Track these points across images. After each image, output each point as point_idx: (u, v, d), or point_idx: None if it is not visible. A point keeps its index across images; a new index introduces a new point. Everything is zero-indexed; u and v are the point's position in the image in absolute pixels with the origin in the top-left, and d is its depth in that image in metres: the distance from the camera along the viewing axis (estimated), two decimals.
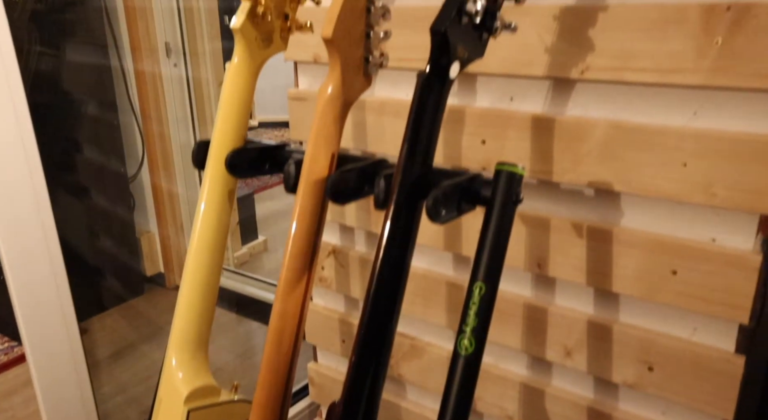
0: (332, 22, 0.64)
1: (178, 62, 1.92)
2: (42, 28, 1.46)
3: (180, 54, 1.91)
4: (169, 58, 1.93)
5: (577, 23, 0.74)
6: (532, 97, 0.82)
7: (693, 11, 0.67)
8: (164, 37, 1.89)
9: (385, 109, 0.93)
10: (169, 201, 2.06)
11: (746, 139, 0.67)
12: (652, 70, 0.71)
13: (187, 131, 1.93)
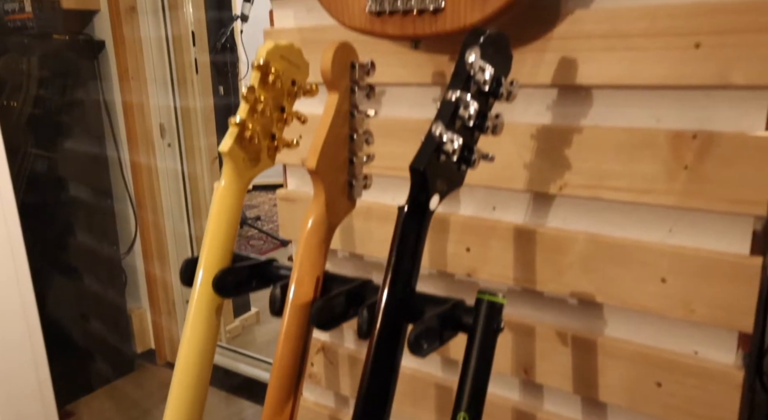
0: (316, 153, 0.67)
1: (174, 156, 1.96)
2: (39, 130, 1.50)
3: (176, 148, 1.96)
4: (164, 141, 1.97)
5: (554, 143, 0.77)
6: (514, 207, 0.84)
7: (661, 137, 0.70)
8: (161, 138, 1.94)
9: (372, 213, 0.95)
10: (163, 286, 2.06)
11: (720, 258, 0.69)
12: (626, 190, 0.73)
13: (182, 222, 1.95)
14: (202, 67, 1.94)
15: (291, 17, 0.98)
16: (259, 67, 0.74)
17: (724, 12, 0.63)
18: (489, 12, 0.66)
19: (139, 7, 1.92)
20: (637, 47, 0.69)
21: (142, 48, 1.93)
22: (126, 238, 2.05)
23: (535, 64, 0.76)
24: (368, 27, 0.76)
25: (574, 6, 0.72)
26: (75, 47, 1.95)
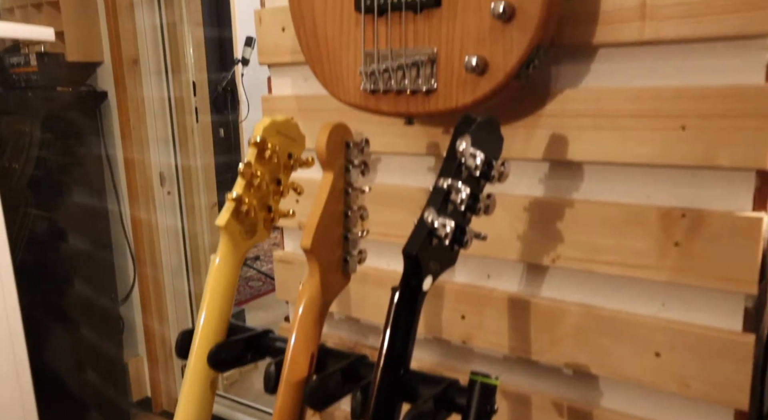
0: (311, 233, 0.68)
1: (174, 205, 1.98)
2: (40, 191, 1.52)
3: (176, 196, 1.97)
4: (163, 189, 1.99)
5: (546, 215, 0.78)
6: (508, 276, 0.85)
7: (651, 214, 0.71)
8: (161, 186, 1.96)
9: (368, 278, 0.96)
10: (161, 339, 2.06)
11: (713, 334, 0.69)
12: (618, 264, 0.74)
13: (181, 278, 1.95)
14: (203, 127, 1.97)
15: (288, 85, 1.00)
16: (255, 144, 0.75)
17: (708, 97, 0.65)
18: (479, 95, 0.68)
19: (141, 60, 1.95)
20: (625, 127, 0.70)
21: (143, 100, 1.96)
22: (124, 287, 2.05)
23: (526, 139, 0.77)
24: (363, 103, 0.77)
25: (563, 86, 0.74)
26: (78, 99, 1.98)
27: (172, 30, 1.89)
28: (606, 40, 0.70)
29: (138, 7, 1.89)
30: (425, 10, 0.70)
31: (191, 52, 1.91)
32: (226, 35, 3.83)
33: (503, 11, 0.64)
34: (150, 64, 1.95)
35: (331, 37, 0.78)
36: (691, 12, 0.64)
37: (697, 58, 0.66)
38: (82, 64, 1.99)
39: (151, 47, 1.94)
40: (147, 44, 1.92)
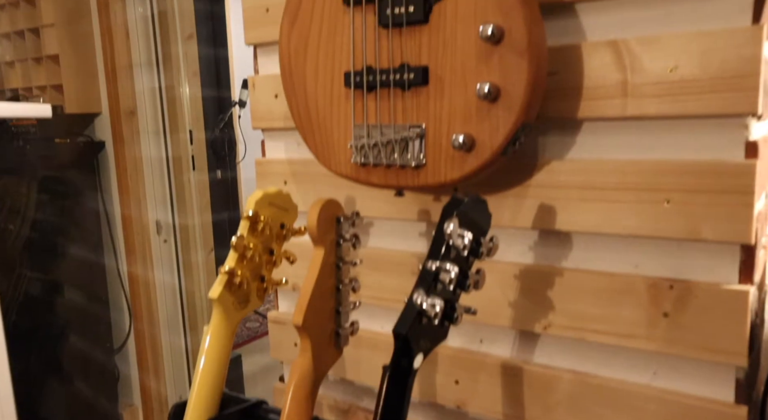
0: (302, 310, 0.68)
1: (170, 252, 1.98)
2: (36, 252, 1.53)
3: (172, 244, 1.98)
4: (160, 237, 1.99)
5: (536, 283, 0.79)
6: (501, 341, 0.85)
7: (639, 284, 0.71)
8: (158, 239, 1.97)
9: (362, 342, 0.96)
10: (157, 395, 2.04)
11: (705, 405, 0.69)
12: (609, 334, 0.74)
13: (178, 336, 1.95)
14: (200, 183, 1.99)
15: (282, 149, 1.02)
16: (248, 218, 0.76)
17: (690, 172, 0.66)
18: (467, 171, 0.69)
19: (139, 114, 1.98)
20: (611, 199, 0.72)
21: (141, 150, 1.98)
22: (119, 338, 2.04)
23: (515, 208, 0.78)
24: (354, 175, 0.79)
25: (550, 157, 0.76)
26: (75, 149, 2.00)
27: (171, 91, 1.92)
28: (590, 114, 0.72)
29: (137, 68, 1.92)
30: (413, 87, 0.72)
31: (189, 112, 1.94)
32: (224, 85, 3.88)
33: (488, 92, 0.65)
34: (148, 118, 1.97)
35: (322, 110, 0.80)
36: (671, 91, 0.66)
37: (679, 133, 0.68)
38: (80, 115, 2.02)
39: (149, 103, 1.96)
40: (145, 103, 1.95)
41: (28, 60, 2.03)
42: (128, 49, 1.87)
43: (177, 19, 1.91)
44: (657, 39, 0.67)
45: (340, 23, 0.76)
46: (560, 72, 0.73)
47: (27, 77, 2.05)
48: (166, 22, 1.84)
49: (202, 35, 3.76)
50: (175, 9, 1.91)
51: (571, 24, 0.73)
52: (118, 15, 1.84)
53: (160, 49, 1.86)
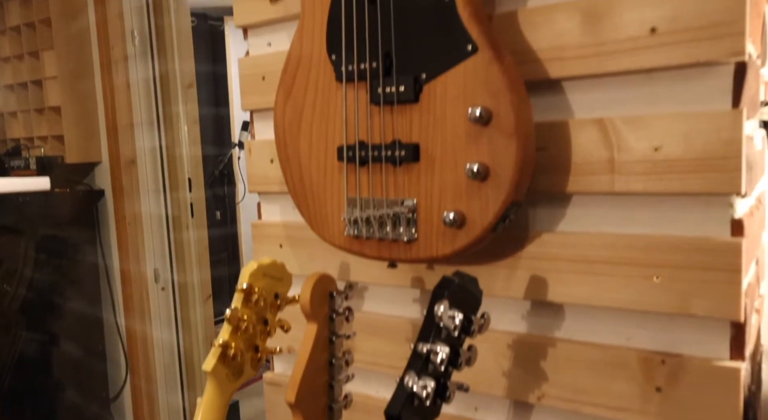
0: (295, 387, 0.68)
1: (168, 300, 1.98)
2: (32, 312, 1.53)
3: (170, 292, 1.98)
4: (157, 285, 1.99)
5: (530, 353, 0.79)
6: (496, 409, 0.84)
7: (632, 358, 0.72)
8: (155, 287, 1.97)
9: (357, 406, 0.95)
10: None
11: None
12: (603, 407, 0.74)
13: (176, 393, 1.93)
14: (199, 242, 2.00)
15: (277, 212, 1.03)
16: (242, 291, 0.77)
17: (678, 249, 0.67)
18: (458, 247, 0.70)
19: (139, 169, 1.99)
20: (602, 273, 0.72)
21: (140, 199, 2.00)
22: (115, 389, 2.02)
23: (507, 279, 0.79)
24: (347, 246, 0.80)
25: (540, 229, 0.77)
26: (75, 199, 2.02)
27: (171, 149, 1.95)
28: (579, 189, 0.73)
29: (138, 127, 1.95)
30: (404, 163, 0.73)
31: (189, 170, 1.96)
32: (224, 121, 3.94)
33: (477, 172, 0.67)
34: (148, 174, 1.99)
35: (315, 182, 0.81)
36: (656, 170, 0.68)
37: (666, 210, 0.69)
38: (80, 164, 2.04)
39: (149, 160, 1.98)
40: (146, 160, 1.97)
41: (31, 111, 2.06)
42: (130, 108, 1.91)
43: (178, 78, 1.94)
44: (641, 119, 0.68)
45: (334, 98, 0.78)
46: (549, 147, 0.74)
47: (29, 127, 2.08)
48: (168, 82, 1.88)
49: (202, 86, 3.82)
50: (176, 69, 1.94)
51: (558, 101, 0.74)
52: (121, 75, 1.88)
53: (161, 108, 1.89)
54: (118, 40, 1.87)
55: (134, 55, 1.87)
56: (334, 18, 0.77)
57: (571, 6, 0.71)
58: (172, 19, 1.82)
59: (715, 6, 0.63)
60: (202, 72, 3.78)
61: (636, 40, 0.67)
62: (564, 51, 0.72)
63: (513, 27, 0.75)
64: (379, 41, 0.73)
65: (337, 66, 0.77)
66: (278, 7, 0.95)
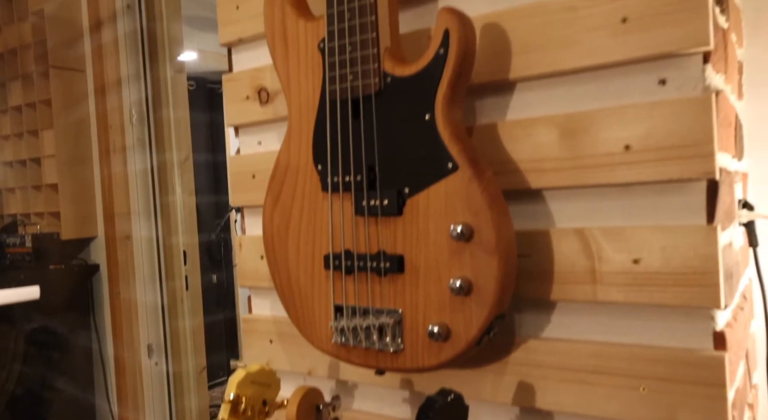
0: None
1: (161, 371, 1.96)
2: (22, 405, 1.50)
3: (163, 366, 1.96)
4: (151, 360, 1.97)
5: None
6: None
7: None
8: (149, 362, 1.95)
9: None
10: None
11: None
12: None
13: None
14: (195, 330, 1.99)
15: (268, 307, 1.03)
16: (229, 402, 0.77)
17: (662, 361, 0.67)
18: (443, 359, 0.70)
19: (136, 262, 2.00)
20: (588, 382, 0.72)
21: (135, 279, 2.00)
22: None
23: (495, 384, 0.79)
24: (334, 353, 0.80)
25: (527, 335, 0.77)
26: (69, 274, 2.02)
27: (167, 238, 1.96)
28: (562, 297, 0.74)
29: (135, 215, 1.97)
30: (389, 274, 0.74)
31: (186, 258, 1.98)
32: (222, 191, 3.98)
33: (460, 287, 0.68)
34: (144, 266, 2.00)
35: (303, 288, 0.82)
36: (636, 281, 0.69)
37: (649, 320, 0.70)
38: (76, 240, 2.05)
39: (146, 252, 2.00)
40: (142, 251, 1.98)
41: (29, 187, 2.09)
42: (127, 196, 1.94)
43: (176, 171, 1.98)
44: (620, 230, 0.70)
45: (320, 207, 0.80)
46: (533, 255, 0.75)
47: (26, 203, 2.10)
48: (165, 172, 1.92)
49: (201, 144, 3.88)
50: (174, 159, 1.98)
51: (540, 209, 0.76)
52: (119, 164, 1.92)
53: (158, 198, 1.93)
54: (117, 130, 1.91)
55: (133, 146, 1.91)
56: (319, 129, 0.79)
57: (549, 121, 0.73)
58: (171, 111, 1.87)
59: (685, 127, 0.65)
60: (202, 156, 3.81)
61: (611, 156, 0.69)
62: (543, 163, 0.74)
63: (494, 138, 0.77)
64: (362, 155, 0.75)
65: (323, 176, 0.79)
66: (268, 109, 0.98)
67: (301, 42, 0.81)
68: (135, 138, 1.88)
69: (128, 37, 1.89)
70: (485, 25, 0.77)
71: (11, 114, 2.13)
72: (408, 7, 0.84)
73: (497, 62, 0.76)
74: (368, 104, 0.74)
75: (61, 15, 1.95)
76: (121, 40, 1.88)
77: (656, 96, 0.68)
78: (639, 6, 0.67)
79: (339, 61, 0.76)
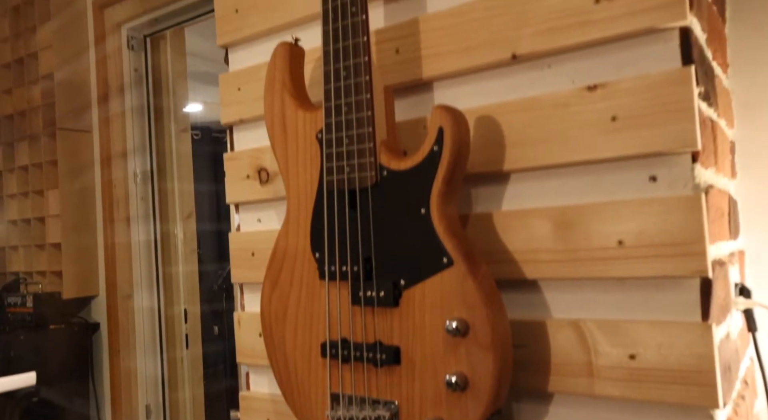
0: None
1: None
2: None
3: None
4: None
5: None
6: None
7: None
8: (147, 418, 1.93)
9: None
10: None
11: None
12: None
13: None
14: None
15: (266, 384, 1.03)
16: None
17: None
18: None
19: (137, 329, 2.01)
20: None
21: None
22: None
23: None
24: None
25: None
26: (69, 334, 2.01)
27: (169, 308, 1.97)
28: (559, 389, 0.73)
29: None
30: (385, 365, 0.74)
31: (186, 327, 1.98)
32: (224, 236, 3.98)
33: (456, 383, 0.67)
34: (145, 334, 2.00)
35: (300, 374, 0.82)
36: (633, 377, 0.68)
37: (647, 416, 0.69)
38: (76, 298, 2.06)
39: (147, 321, 2.00)
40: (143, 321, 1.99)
41: (32, 246, 2.10)
42: (130, 266, 1.95)
43: (180, 239, 2.01)
44: (616, 324, 0.70)
45: (318, 294, 0.80)
46: (529, 345, 0.75)
47: (29, 262, 2.11)
48: (169, 243, 1.94)
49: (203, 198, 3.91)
50: (178, 231, 2.01)
51: (536, 298, 0.76)
52: (121, 234, 1.94)
53: (160, 268, 1.94)
54: (122, 200, 1.94)
55: (137, 217, 1.94)
56: (317, 217, 0.80)
57: (543, 213, 0.74)
58: (175, 184, 1.90)
59: (677, 226, 0.66)
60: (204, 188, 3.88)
61: (605, 250, 0.70)
62: (538, 254, 0.74)
63: (489, 228, 0.78)
64: (359, 246, 0.76)
65: (321, 264, 0.79)
66: (268, 188, 1.00)
67: (299, 131, 0.83)
68: (139, 208, 1.90)
69: (135, 109, 1.94)
70: (479, 117, 0.79)
71: (18, 173, 2.16)
72: (404, 96, 0.86)
73: (492, 153, 0.78)
74: (365, 196, 0.76)
75: (71, 80, 2.00)
76: (128, 109, 1.92)
77: (648, 192, 0.69)
78: (628, 106, 0.69)
79: (336, 153, 0.77)
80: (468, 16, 0.79)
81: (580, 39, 0.71)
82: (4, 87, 2.21)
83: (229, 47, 1.06)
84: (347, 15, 0.76)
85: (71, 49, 2.02)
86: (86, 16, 2.07)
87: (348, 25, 0.76)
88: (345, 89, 0.76)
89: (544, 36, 0.74)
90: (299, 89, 0.86)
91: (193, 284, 2.06)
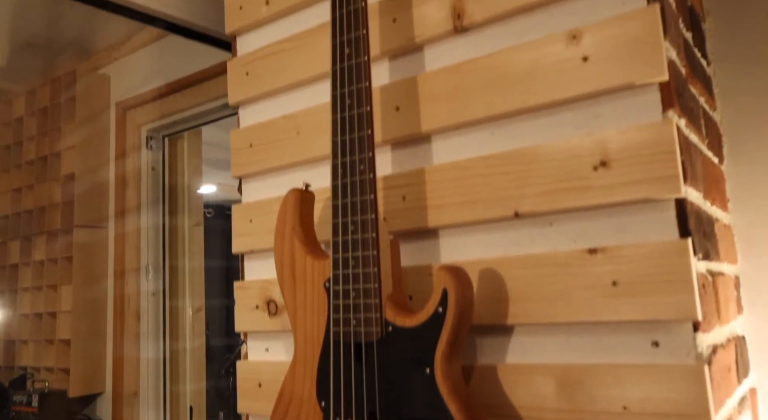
0: None
1: None
2: None
3: None
4: None
5: None
6: None
7: None
8: None
9: None
10: None
11: None
12: None
13: None
14: None
15: None
16: None
17: None
18: None
19: (141, 395, 2.00)
20: None
21: None
22: None
23: None
24: None
25: None
26: None
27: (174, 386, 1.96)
28: None
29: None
30: None
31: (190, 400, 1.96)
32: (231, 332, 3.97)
33: None
34: (149, 400, 1.99)
35: None
36: None
37: None
38: (82, 396, 2.04)
39: (152, 388, 1.99)
40: (148, 387, 1.98)
41: (42, 341, 2.11)
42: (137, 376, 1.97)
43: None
44: None
45: None
46: None
47: (38, 357, 2.11)
48: (177, 315, 1.95)
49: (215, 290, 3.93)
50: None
51: None
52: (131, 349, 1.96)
53: (168, 343, 1.94)
54: (133, 315, 1.98)
55: (146, 293, 1.96)
56: (323, 366, 0.81)
57: (547, 370, 0.74)
58: (186, 260, 1.93)
59: (681, 396, 0.66)
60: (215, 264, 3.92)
61: (610, 415, 0.70)
62: (543, 413, 0.74)
63: (494, 381, 0.78)
64: (364, 400, 0.76)
65: (326, 414, 0.79)
66: (276, 320, 1.01)
67: (308, 277, 0.85)
68: (149, 325, 1.93)
69: (150, 204, 1.99)
70: (483, 270, 0.81)
71: (33, 267, 2.20)
72: (411, 241, 0.89)
73: (496, 306, 0.79)
74: (370, 350, 0.77)
75: (91, 180, 2.07)
76: (143, 204, 1.98)
77: (650, 357, 0.69)
78: (628, 272, 0.70)
79: (343, 306, 0.79)
80: (470, 171, 0.83)
81: (579, 203, 0.74)
82: (26, 183, 2.29)
83: (243, 178, 1.10)
84: (356, 172, 0.80)
85: (93, 150, 2.10)
86: (109, 118, 2.16)
87: (356, 182, 0.79)
88: (353, 244, 0.79)
89: (545, 197, 0.76)
90: (309, 234, 0.88)
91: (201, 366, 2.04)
